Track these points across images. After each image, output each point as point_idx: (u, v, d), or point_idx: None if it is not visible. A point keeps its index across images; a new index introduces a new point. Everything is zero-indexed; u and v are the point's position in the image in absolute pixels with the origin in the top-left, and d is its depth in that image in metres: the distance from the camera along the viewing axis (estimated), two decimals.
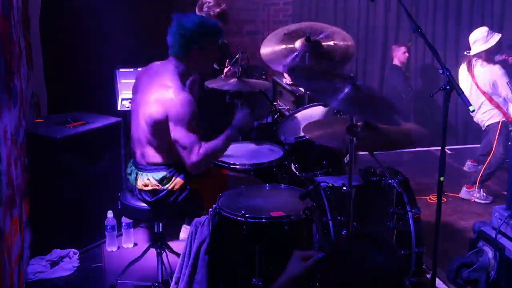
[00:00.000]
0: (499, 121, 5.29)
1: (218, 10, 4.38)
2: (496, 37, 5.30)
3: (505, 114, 5.30)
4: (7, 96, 3.37)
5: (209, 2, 4.39)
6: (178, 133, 3.11)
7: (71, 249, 4.12)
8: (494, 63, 5.33)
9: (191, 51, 3.17)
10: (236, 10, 6.70)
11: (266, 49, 3.70)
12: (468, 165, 6.00)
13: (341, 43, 3.79)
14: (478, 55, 5.31)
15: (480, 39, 5.29)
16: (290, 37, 3.72)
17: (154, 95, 3.14)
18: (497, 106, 5.29)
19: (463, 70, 5.49)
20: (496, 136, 5.26)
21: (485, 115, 5.35)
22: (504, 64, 5.55)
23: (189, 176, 3.27)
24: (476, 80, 5.31)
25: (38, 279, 3.87)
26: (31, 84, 4.56)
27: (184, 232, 4.28)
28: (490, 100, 5.28)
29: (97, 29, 4.98)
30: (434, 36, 7.17)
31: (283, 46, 3.66)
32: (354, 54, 3.78)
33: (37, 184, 4.11)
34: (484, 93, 5.29)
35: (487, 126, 5.39)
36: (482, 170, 5.27)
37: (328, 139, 3.03)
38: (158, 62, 3.33)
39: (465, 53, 5.51)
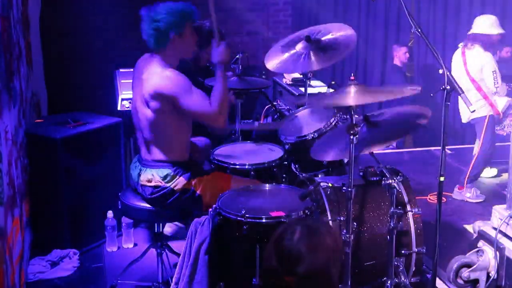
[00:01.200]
0: (486, 116, 5.18)
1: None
2: (500, 30, 5.18)
3: (492, 105, 5.17)
4: (7, 96, 3.38)
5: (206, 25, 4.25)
6: (188, 101, 3.12)
7: (71, 249, 4.12)
8: (488, 51, 5.18)
9: (169, 41, 3.18)
10: (236, 10, 6.71)
11: (272, 63, 3.68)
12: None
13: (340, 33, 3.73)
14: (474, 39, 5.16)
15: (485, 23, 5.17)
16: (289, 46, 3.75)
17: (147, 89, 3.15)
18: (485, 97, 5.14)
19: (456, 56, 5.36)
20: (483, 133, 5.21)
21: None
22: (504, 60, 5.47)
23: (192, 177, 3.28)
24: (467, 66, 5.18)
25: (38, 279, 3.87)
26: (31, 84, 4.56)
27: (170, 226, 4.35)
28: (479, 89, 5.14)
29: (97, 29, 4.98)
30: (434, 36, 7.18)
31: (286, 54, 3.67)
32: (355, 41, 3.72)
33: (37, 184, 4.11)
34: (473, 80, 5.14)
35: (473, 119, 5.27)
36: (469, 170, 5.23)
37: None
38: (142, 58, 3.34)
39: (459, 45, 5.45)
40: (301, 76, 5.03)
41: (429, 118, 2.95)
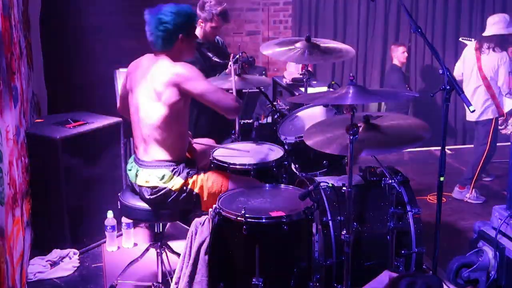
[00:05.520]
0: (493, 119, 5.19)
1: (220, 8, 4.41)
2: None
3: (498, 105, 5.17)
4: (9, 96, 3.38)
5: (211, 1, 4.41)
6: (202, 86, 3.17)
7: (71, 249, 4.13)
8: (504, 50, 5.18)
9: (177, 42, 3.21)
10: (236, 10, 6.72)
11: (268, 50, 3.88)
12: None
13: (340, 46, 3.93)
14: (491, 40, 5.15)
15: (500, 22, 5.13)
16: (288, 42, 3.94)
17: (161, 80, 3.14)
18: (493, 96, 5.14)
19: (469, 51, 5.34)
20: (490, 135, 5.20)
21: (477, 104, 5.15)
22: None
23: (190, 177, 3.27)
24: (481, 63, 5.16)
25: (38, 279, 3.87)
26: (31, 84, 4.56)
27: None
28: (488, 87, 5.14)
29: (97, 29, 4.99)
30: (433, 36, 7.18)
31: (284, 48, 3.83)
32: (353, 54, 3.91)
33: (37, 184, 4.11)
34: (484, 77, 5.14)
35: (479, 121, 5.26)
36: (478, 171, 5.23)
37: (328, 145, 3.03)
38: (144, 57, 3.34)
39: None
40: (301, 76, 5.03)
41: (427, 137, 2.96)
